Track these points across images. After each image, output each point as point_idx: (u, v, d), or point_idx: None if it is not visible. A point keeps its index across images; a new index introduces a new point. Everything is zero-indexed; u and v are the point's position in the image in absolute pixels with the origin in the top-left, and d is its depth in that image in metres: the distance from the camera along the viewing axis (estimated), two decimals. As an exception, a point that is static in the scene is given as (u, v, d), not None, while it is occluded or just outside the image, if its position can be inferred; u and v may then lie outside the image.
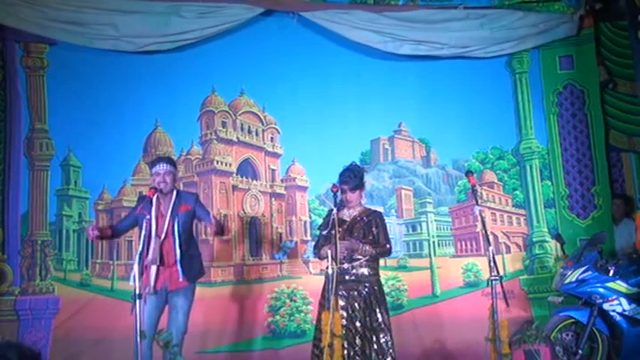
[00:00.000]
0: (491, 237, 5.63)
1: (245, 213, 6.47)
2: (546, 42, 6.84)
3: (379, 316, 4.53)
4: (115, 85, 6.27)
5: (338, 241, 4.22)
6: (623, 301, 5.24)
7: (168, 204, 4.64)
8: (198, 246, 4.95)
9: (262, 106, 6.67)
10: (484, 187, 6.82)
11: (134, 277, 3.85)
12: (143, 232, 4.21)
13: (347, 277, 4.53)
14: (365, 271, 4.57)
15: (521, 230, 6.81)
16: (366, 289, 4.54)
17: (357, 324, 4.48)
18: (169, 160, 4.75)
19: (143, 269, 4.38)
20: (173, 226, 4.59)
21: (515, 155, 6.93)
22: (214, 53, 6.43)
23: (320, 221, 5.78)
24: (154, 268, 4.47)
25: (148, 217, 4.39)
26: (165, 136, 6.41)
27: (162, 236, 4.53)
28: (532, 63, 6.96)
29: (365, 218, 4.68)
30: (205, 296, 5.95)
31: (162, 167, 4.61)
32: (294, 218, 6.56)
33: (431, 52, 6.65)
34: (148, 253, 4.43)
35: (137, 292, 3.83)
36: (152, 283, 4.48)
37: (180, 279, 4.58)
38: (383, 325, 4.53)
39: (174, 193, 4.71)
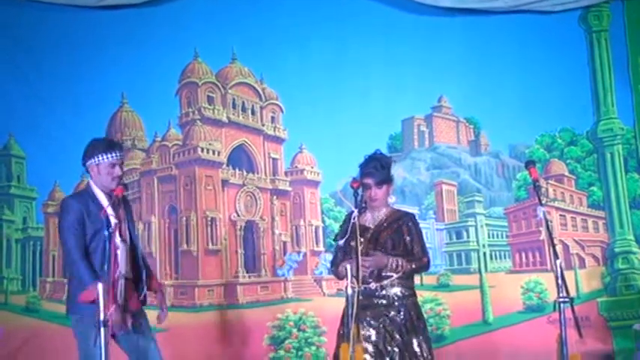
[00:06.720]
0: (559, 247, 6.01)
1: (238, 216, 6.43)
2: (634, -11, 6.64)
3: (417, 349, 4.35)
4: (69, 51, 6.19)
5: (360, 255, 4.04)
6: None
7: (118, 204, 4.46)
8: None
9: (260, 75, 6.63)
10: (551, 182, 6.79)
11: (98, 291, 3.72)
12: (106, 233, 4.07)
13: (375, 301, 4.37)
14: (397, 291, 4.41)
15: (600, 238, 6.73)
16: (401, 315, 4.38)
17: (388, 360, 4.36)
18: (121, 147, 4.56)
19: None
20: (131, 232, 4.49)
21: (591, 139, 6.83)
22: (198, 8, 6.37)
23: (336, 226, 5.90)
24: (122, 283, 4.15)
25: (113, 219, 4.20)
26: (134, 116, 6.39)
27: (129, 241, 4.37)
28: (614, 18, 6.81)
29: (394, 224, 4.50)
30: (187, 324, 6.05)
31: (117, 156, 4.40)
32: (302, 222, 6.55)
33: (480, 4, 6.48)
34: (115, 264, 4.13)
35: (102, 316, 3.54)
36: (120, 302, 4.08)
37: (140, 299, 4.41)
38: (422, 361, 4.42)
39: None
